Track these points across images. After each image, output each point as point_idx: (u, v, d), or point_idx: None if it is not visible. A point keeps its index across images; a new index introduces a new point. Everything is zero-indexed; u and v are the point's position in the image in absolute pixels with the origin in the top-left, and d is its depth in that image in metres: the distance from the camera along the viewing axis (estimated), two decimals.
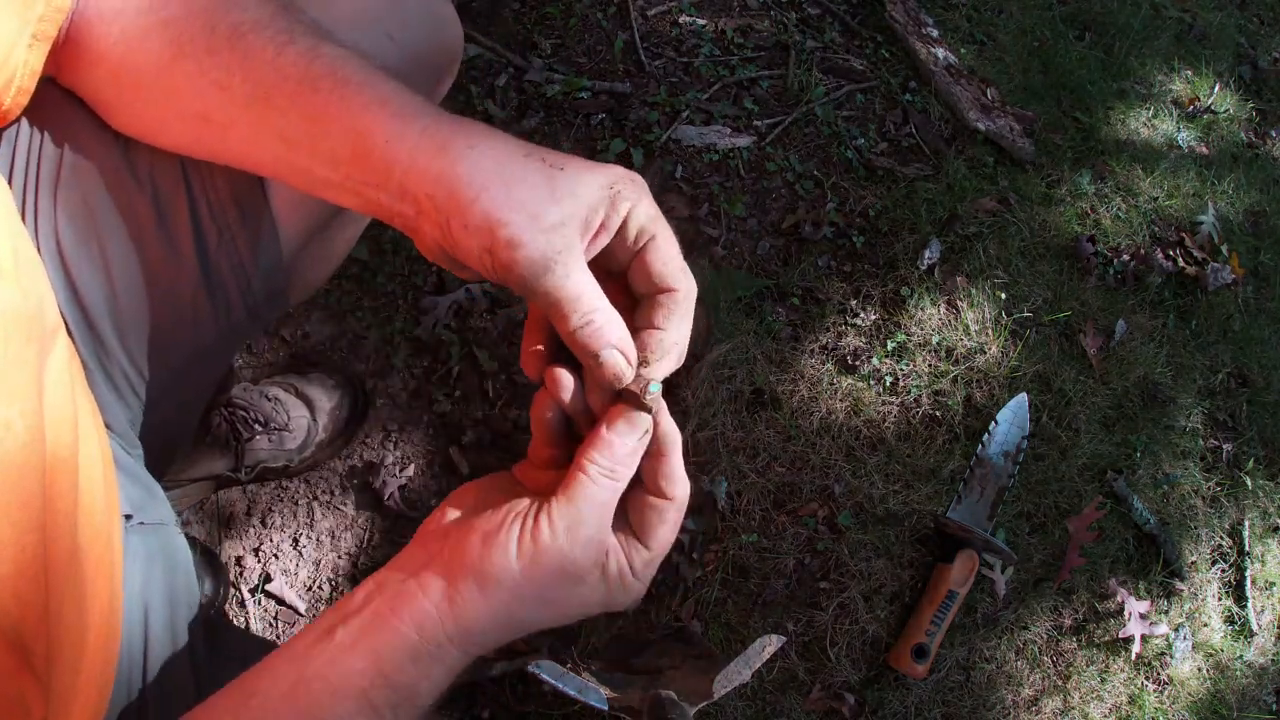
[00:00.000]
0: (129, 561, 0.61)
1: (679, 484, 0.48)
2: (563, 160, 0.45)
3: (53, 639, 0.44)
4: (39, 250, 0.58)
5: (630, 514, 0.49)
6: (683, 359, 0.48)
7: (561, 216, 0.43)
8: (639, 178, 0.47)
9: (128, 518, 0.63)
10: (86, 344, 0.61)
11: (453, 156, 0.44)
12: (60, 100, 0.59)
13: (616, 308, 0.47)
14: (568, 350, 0.47)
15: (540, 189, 0.43)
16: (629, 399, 0.47)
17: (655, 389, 0.46)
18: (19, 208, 0.58)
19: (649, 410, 0.46)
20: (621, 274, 0.49)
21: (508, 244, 0.42)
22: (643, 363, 0.47)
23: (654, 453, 0.47)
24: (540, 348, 0.49)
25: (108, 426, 0.65)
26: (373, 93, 0.47)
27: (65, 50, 0.55)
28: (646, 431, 0.46)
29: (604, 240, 0.46)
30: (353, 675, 0.44)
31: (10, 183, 0.58)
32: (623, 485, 0.46)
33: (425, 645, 0.45)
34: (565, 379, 0.48)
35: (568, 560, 0.45)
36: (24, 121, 0.59)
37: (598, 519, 0.45)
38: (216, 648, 0.66)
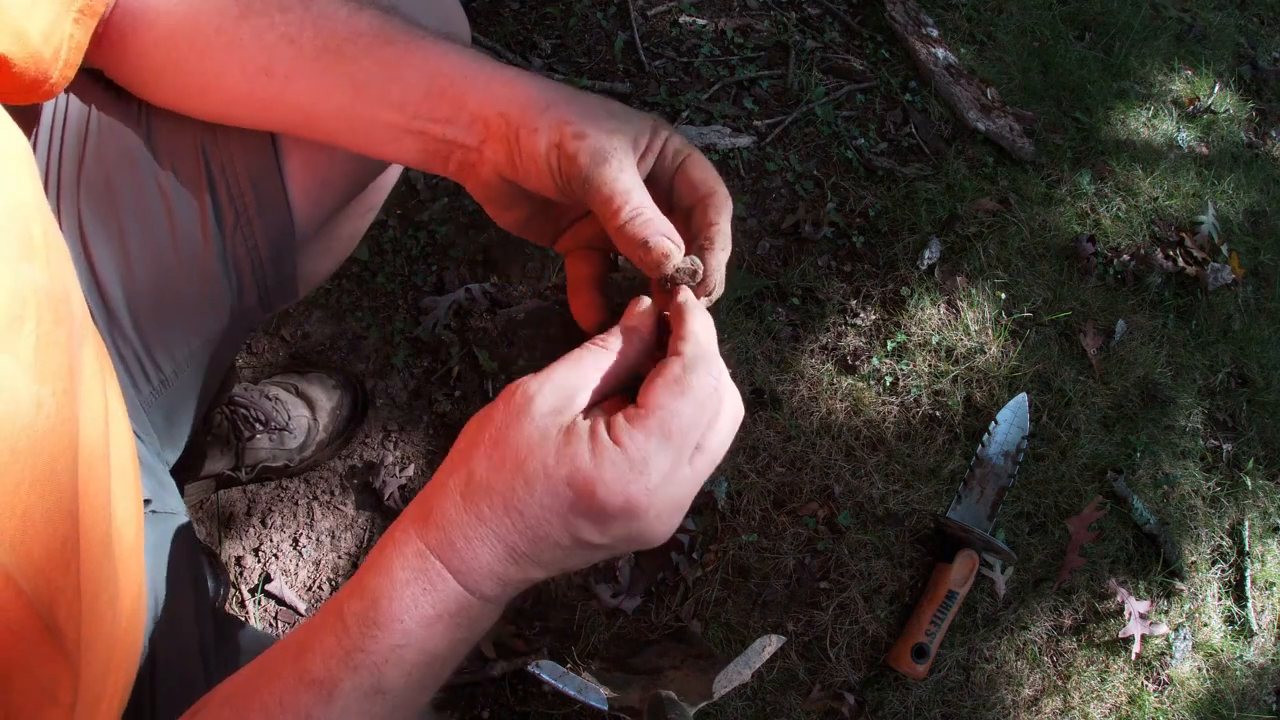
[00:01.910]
0: None
1: (688, 341, 0.46)
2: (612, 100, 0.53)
3: (85, 627, 0.44)
4: (61, 229, 0.59)
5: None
6: (729, 249, 0.52)
7: (618, 125, 0.49)
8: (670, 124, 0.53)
9: (146, 502, 0.64)
10: (102, 325, 0.62)
11: (524, 84, 0.50)
12: (84, 81, 0.59)
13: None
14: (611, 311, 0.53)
15: (599, 106, 0.50)
16: (680, 287, 0.50)
17: (692, 263, 0.50)
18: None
19: (700, 284, 0.51)
20: (670, 212, 0.52)
21: (575, 135, 0.48)
22: (709, 249, 0.51)
23: (675, 320, 0.48)
24: (595, 299, 0.54)
25: None
26: (448, 45, 0.53)
27: (105, 25, 0.56)
28: (648, 309, 0.50)
29: (649, 163, 0.52)
30: (343, 589, 0.43)
31: None
32: (614, 358, 0.46)
33: (390, 537, 0.43)
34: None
35: (521, 404, 0.43)
36: (46, 102, 0.59)
37: (569, 379, 0.44)
38: (225, 637, 0.67)
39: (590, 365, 0.45)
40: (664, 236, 0.48)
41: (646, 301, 0.49)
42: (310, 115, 0.55)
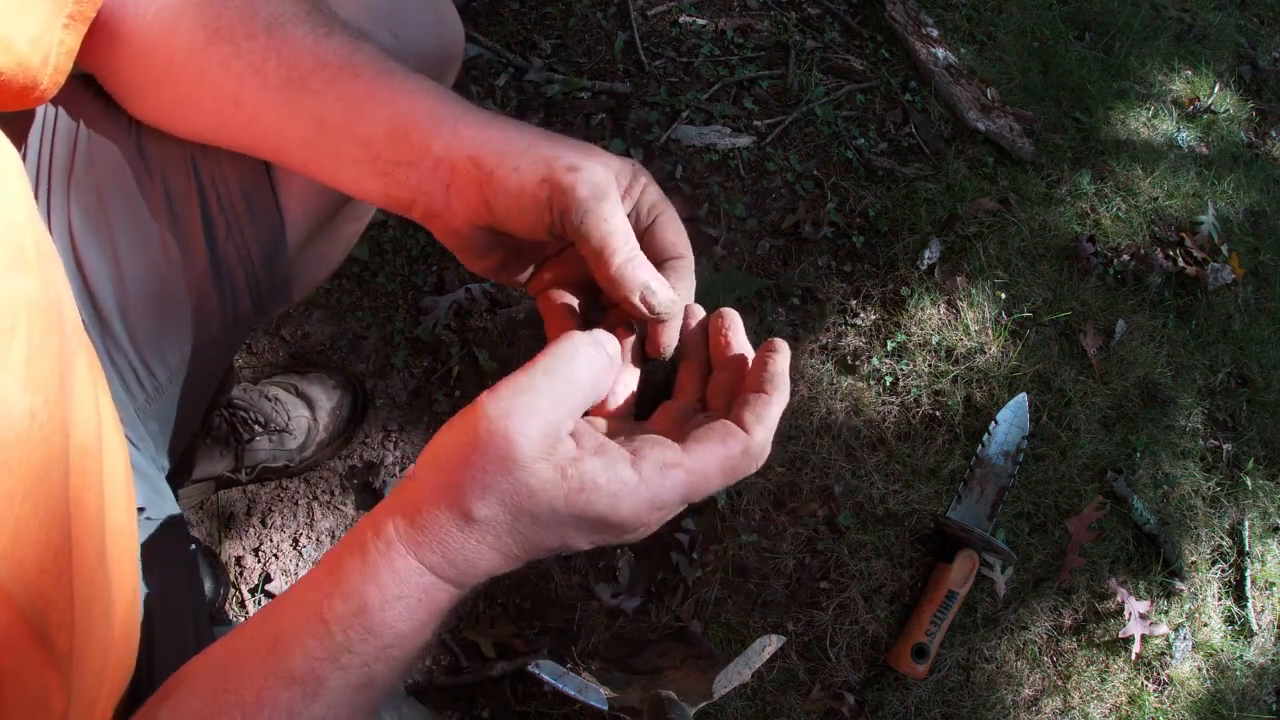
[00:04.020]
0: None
1: (762, 428, 0.46)
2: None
3: (78, 636, 0.44)
4: (51, 237, 0.59)
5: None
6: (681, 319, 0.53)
7: (605, 157, 0.48)
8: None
9: (140, 510, 0.64)
10: (95, 334, 0.62)
11: (500, 124, 0.48)
12: (74, 89, 0.59)
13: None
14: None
15: (580, 146, 0.48)
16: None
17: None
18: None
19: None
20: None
21: (568, 167, 0.46)
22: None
23: (757, 384, 0.48)
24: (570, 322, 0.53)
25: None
26: (416, 81, 0.50)
27: (93, 31, 0.55)
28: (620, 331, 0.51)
29: (627, 206, 0.50)
30: (312, 587, 0.42)
31: None
32: (592, 377, 0.44)
33: (375, 542, 0.42)
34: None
35: (499, 432, 0.40)
36: (36, 111, 0.59)
37: (549, 412, 0.41)
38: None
39: (582, 390, 0.43)
40: (659, 280, 0.48)
41: (673, 339, 0.50)
42: (278, 147, 0.55)
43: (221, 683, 0.42)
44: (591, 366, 0.44)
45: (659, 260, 0.51)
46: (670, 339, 0.51)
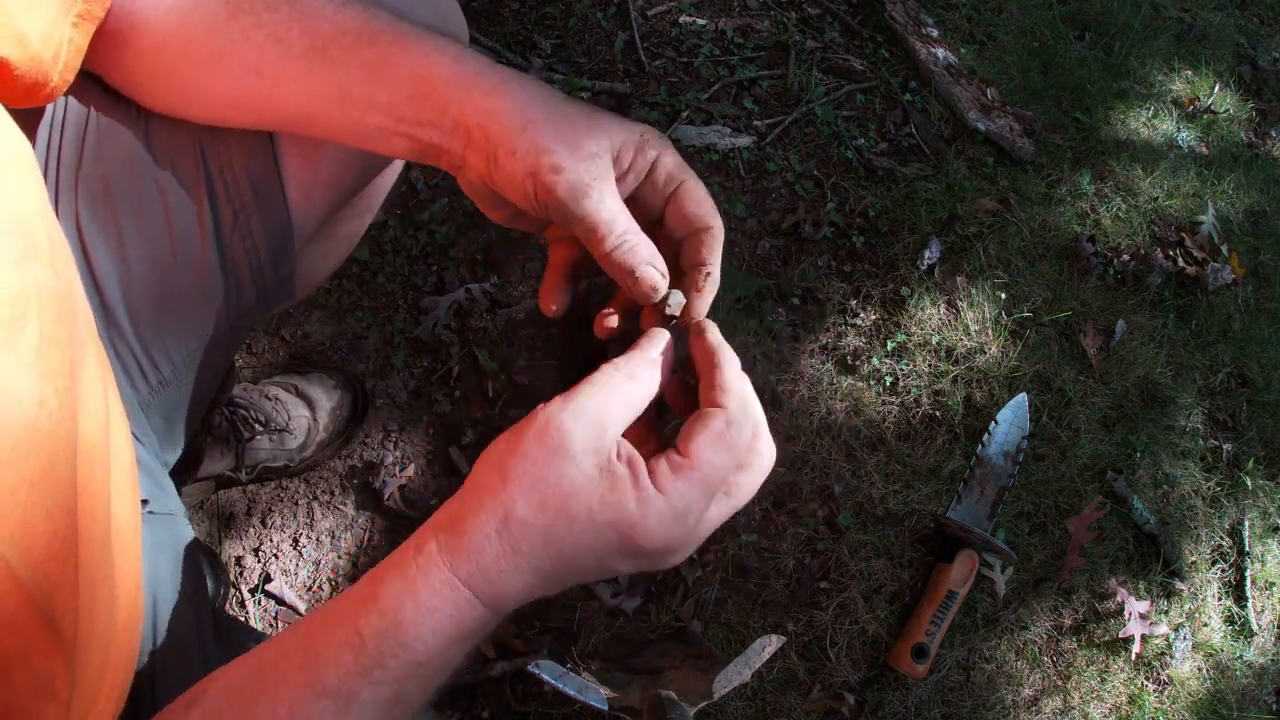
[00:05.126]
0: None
1: (730, 395, 0.47)
2: (596, 108, 0.51)
3: (82, 622, 0.44)
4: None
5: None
6: (716, 288, 0.53)
7: (597, 148, 0.48)
8: (663, 135, 0.52)
9: (144, 502, 0.64)
10: (100, 324, 0.62)
11: (505, 93, 0.49)
12: (83, 82, 0.60)
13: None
14: (582, 300, 0.54)
15: (580, 124, 0.48)
16: (661, 322, 0.51)
17: (676, 299, 0.50)
18: None
19: (671, 325, 0.51)
20: (656, 224, 0.52)
21: (551, 169, 0.47)
22: (697, 293, 0.51)
23: (706, 365, 0.49)
24: (562, 282, 0.54)
25: None
26: (431, 43, 0.52)
27: (101, 32, 0.56)
28: (667, 344, 0.50)
29: (632, 182, 0.51)
30: (348, 600, 0.43)
31: None
32: (642, 391, 0.46)
33: (414, 557, 0.43)
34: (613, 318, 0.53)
35: (556, 424, 0.43)
36: (45, 105, 0.59)
37: (601, 413, 0.44)
38: (224, 639, 0.67)
39: (620, 398, 0.45)
40: (650, 266, 0.49)
41: (666, 335, 0.49)
42: (301, 115, 0.56)
43: (255, 692, 0.43)
44: (626, 391, 0.46)
45: (686, 233, 0.51)
46: (702, 309, 0.52)
